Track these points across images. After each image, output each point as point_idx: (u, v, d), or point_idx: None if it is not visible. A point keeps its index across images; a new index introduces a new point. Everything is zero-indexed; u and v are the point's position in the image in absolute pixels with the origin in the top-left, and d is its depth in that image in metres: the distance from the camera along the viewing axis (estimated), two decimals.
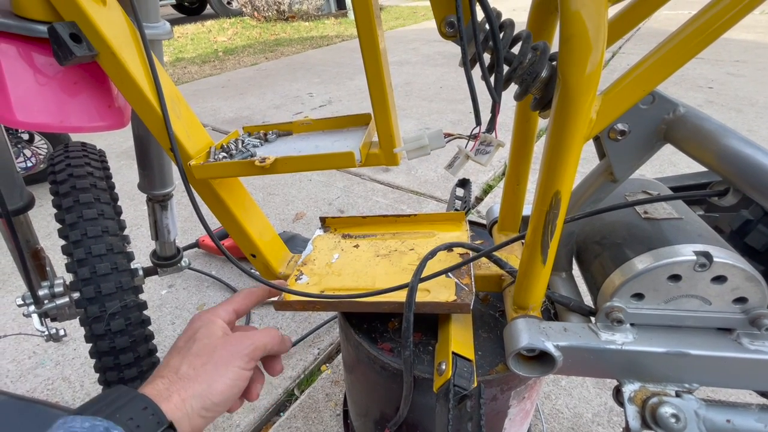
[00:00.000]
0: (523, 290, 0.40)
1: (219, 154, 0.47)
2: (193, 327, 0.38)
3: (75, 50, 0.39)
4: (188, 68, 3.43)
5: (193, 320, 0.39)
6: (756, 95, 2.16)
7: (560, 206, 0.34)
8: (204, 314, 0.40)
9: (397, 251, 0.55)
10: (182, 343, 0.37)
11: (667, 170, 1.52)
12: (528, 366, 0.40)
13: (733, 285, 0.34)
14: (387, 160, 0.42)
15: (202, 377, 0.34)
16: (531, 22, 0.40)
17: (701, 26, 0.29)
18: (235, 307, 0.42)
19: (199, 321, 0.39)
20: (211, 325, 0.38)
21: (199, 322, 0.39)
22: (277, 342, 0.41)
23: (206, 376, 0.34)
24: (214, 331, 0.37)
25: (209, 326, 0.38)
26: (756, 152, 0.30)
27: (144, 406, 0.30)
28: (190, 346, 0.36)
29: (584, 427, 0.75)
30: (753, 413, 0.35)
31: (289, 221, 1.40)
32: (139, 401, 0.30)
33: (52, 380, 0.90)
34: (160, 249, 0.76)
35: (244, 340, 0.38)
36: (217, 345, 0.36)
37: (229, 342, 0.37)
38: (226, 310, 0.41)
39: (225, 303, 0.42)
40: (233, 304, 0.42)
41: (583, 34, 0.28)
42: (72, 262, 0.50)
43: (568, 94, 0.30)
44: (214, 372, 0.34)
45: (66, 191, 0.52)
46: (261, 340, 0.39)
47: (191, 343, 0.37)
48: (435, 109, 2.25)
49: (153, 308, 1.08)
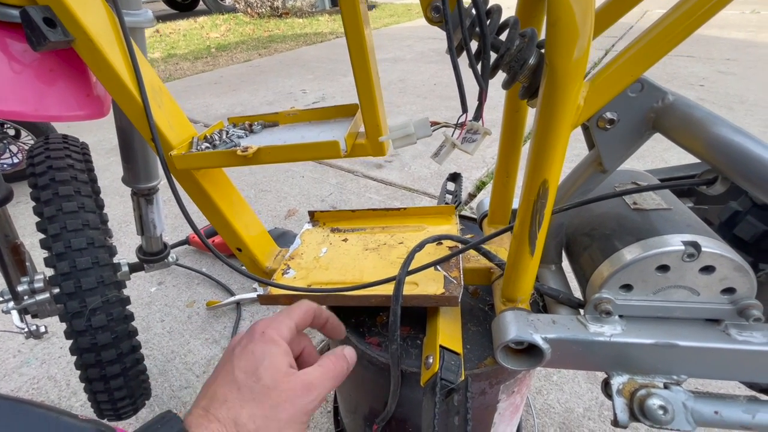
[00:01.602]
0: (511, 283, 0.40)
1: (202, 145, 0.46)
2: (256, 354, 0.32)
3: (49, 35, 0.37)
4: (180, 64, 3.39)
5: (255, 339, 0.33)
6: (746, 93, 2.18)
7: (548, 196, 0.33)
8: (268, 335, 0.34)
9: (386, 245, 0.55)
10: (242, 376, 0.31)
11: (659, 167, 1.53)
12: (516, 359, 0.40)
13: (721, 275, 0.34)
14: (373, 150, 0.42)
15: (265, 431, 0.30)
16: (519, 8, 0.39)
17: (686, 12, 0.28)
18: (297, 322, 0.37)
19: (261, 345, 0.33)
20: (276, 357, 0.32)
21: (261, 346, 0.33)
22: (342, 377, 0.36)
23: (269, 430, 0.30)
24: (279, 367, 0.32)
25: (274, 358, 0.32)
26: (745, 140, 0.30)
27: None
28: (253, 386, 0.31)
29: (575, 422, 0.75)
30: (740, 404, 0.35)
31: (281, 218, 1.39)
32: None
33: (37, 379, 0.88)
34: (146, 244, 0.74)
35: (311, 391, 0.32)
36: (283, 392, 0.31)
37: (295, 391, 0.32)
38: (289, 327, 0.35)
39: (285, 317, 0.36)
40: (294, 319, 0.36)
41: (570, 18, 0.27)
42: (51, 257, 0.49)
43: (555, 80, 0.29)
44: (277, 428, 0.30)
45: (45, 183, 0.51)
46: (327, 388, 0.34)
47: (253, 380, 0.31)
48: (429, 106, 2.24)
49: (142, 305, 1.06)
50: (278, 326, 0.35)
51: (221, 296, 1.07)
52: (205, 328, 0.99)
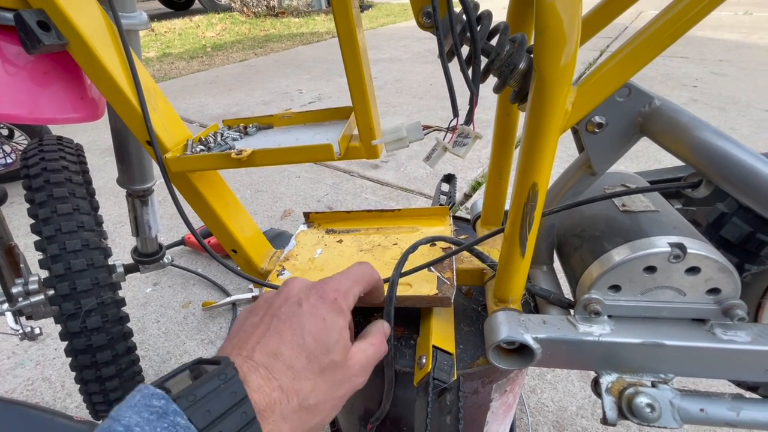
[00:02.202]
0: (503, 283, 0.40)
1: (196, 147, 0.46)
2: (327, 323, 0.29)
3: (43, 38, 0.37)
4: (175, 64, 3.38)
5: (326, 304, 0.30)
6: (738, 94, 2.20)
7: (537, 198, 0.34)
8: (338, 305, 0.31)
9: (380, 246, 0.55)
10: (312, 343, 0.28)
11: (653, 167, 1.55)
12: (508, 359, 0.40)
13: (707, 276, 0.34)
14: (367, 153, 0.42)
15: (321, 408, 0.28)
16: (510, 14, 0.40)
17: (672, 18, 0.29)
18: (361, 292, 0.34)
19: (333, 315, 0.30)
20: (345, 332, 0.31)
21: (333, 316, 0.30)
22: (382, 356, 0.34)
23: (325, 408, 0.28)
24: (347, 342, 0.31)
25: (344, 332, 0.30)
26: (727, 144, 0.31)
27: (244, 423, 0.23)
28: (321, 358, 0.28)
29: (569, 420, 0.75)
30: (725, 402, 0.36)
31: (278, 218, 1.39)
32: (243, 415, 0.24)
33: (32, 381, 0.88)
34: (141, 245, 0.74)
35: (366, 371, 0.31)
36: (347, 370, 0.30)
37: (355, 370, 0.30)
38: (355, 297, 0.33)
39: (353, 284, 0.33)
40: (360, 288, 0.34)
41: (557, 25, 0.28)
42: (46, 258, 0.49)
43: (543, 86, 0.30)
44: (332, 406, 0.29)
45: (39, 185, 0.51)
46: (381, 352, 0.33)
47: (323, 352, 0.28)
48: (425, 106, 2.25)
49: (137, 306, 1.06)
50: (347, 295, 0.32)
51: (217, 297, 1.07)
52: (201, 329, 0.99)
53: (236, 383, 0.24)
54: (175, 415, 0.21)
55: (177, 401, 0.22)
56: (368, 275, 0.35)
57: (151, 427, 0.21)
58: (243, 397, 0.24)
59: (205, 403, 0.23)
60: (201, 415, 0.22)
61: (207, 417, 0.22)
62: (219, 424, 0.22)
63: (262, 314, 0.30)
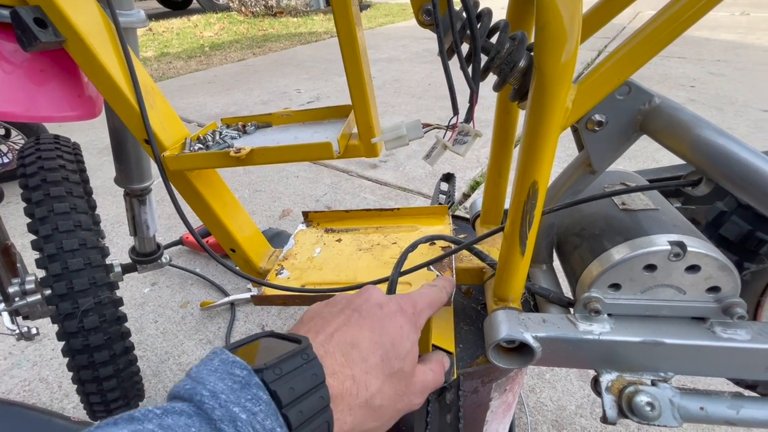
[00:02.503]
0: (502, 282, 0.40)
1: (195, 146, 0.46)
2: (403, 334, 0.29)
3: (40, 36, 0.37)
4: (173, 63, 3.37)
5: (406, 316, 0.31)
6: (735, 94, 2.21)
7: (538, 197, 0.34)
8: (416, 323, 0.31)
9: (379, 245, 0.55)
10: (389, 346, 0.28)
11: (651, 166, 1.55)
12: (508, 357, 0.40)
13: (707, 274, 0.34)
14: (366, 151, 0.42)
15: (381, 414, 0.28)
16: (510, 12, 0.40)
17: (671, 17, 0.29)
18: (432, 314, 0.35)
19: (410, 329, 0.30)
20: (416, 348, 0.31)
21: (410, 330, 0.30)
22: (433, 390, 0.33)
23: (384, 415, 0.28)
24: (416, 359, 0.30)
25: (415, 348, 0.30)
26: (728, 142, 0.31)
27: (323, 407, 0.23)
28: (394, 363, 0.28)
29: (568, 419, 0.75)
30: (725, 400, 0.36)
31: (276, 218, 1.39)
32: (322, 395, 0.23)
33: (29, 381, 0.87)
34: (139, 245, 0.74)
35: (423, 394, 0.31)
36: (410, 386, 0.30)
37: (416, 388, 0.30)
38: (426, 320, 0.33)
39: (427, 308, 0.34)
40: (433, 311, 0.35)
41: (558, 22, 0.28)
42: (42, 258, 0.49)
43: (543, 83, 0.30)
44: (389, 417, 0.29)
45: (36, 184, 0.50)
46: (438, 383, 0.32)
47: (396, 358, 0.28)
48: (424, 106, 2.25)
49: (135, 306, 1.05)
50: (421, 315, 0.32)
51: (215, 297, 1.07)
52: (199, 328, 0.98)
53: (317, 366, 0.24)
54: (257, 389, 0.21)
55: (263, 372, 0.22)
56: (439, 301, 0.36)
57: (236, 396, 0.20)
58: (322, 381, 0.24)
59: (290, 380, 0.23)
60: (286, 391, 0.22)
61: (291, 394, 0.22)
62: (300, 404, 0.22)
63: (342, 307, 0.30)
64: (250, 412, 0.20)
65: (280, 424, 0.21)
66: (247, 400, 0.21)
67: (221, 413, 0.20)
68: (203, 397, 0.20)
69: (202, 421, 0.20)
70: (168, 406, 0.20)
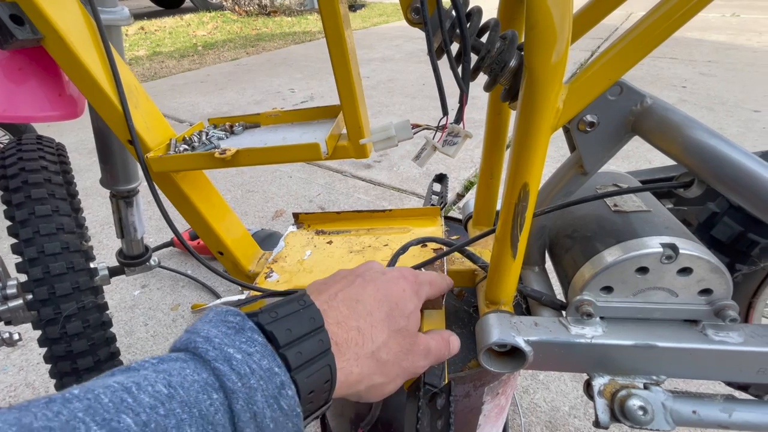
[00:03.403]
0: (494, 285, 0.40)
1: (180, 147, 0.45)
2: (406, 298, 0.31)
3: (16, 33, 0.36)
4: (166, 62, 3.33)
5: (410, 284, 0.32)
6: (726, 94, 2.23)
7: (529, 198, 0.33)
8: (420, 293, 0.33)
9: (371, 247, 0.54)
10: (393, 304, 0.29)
11: (643, 167, 1.56)
12: (500, 361, 0.40)
13: (699, 277, 0.34)
14: (355, 152, 0.41)
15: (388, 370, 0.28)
16: (501, 11, 0.39)
17: (662, 17, 0.28)
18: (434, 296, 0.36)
19: (414, 296, 0.32)
20: (418, 314, 0.32)
21: (413, 297, 0.32)
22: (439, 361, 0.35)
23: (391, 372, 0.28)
24: (418, 323, 0.32)
25: (417, 313, 0.32)
26: (719, 143, 0.30)
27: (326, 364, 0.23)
28: (398, 320, 0.29)
29: (561, 420, 0.75)
30: (717, 403, 0.36)
31: (269, 219, 1.37)
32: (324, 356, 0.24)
33: (14, 387, 0.85)
34: (127, 247, 0.72)
35: (427, 357, 0.32)
36: (414, 345, 0.30)
37: (419, 348, 0.31)
38: (428, 297, 0.34)
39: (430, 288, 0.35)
40: (435, 292, 0.36)
41: (548, 22, 0.27)
42: (23, 262, 0.47)
43: (534, 83, 0.29)
44: (395, 374, 0.29)
45: (17, 186, 0.49)
46: (429, 363, 0.33)
47: (400, 316, 0.29)
48: (418, 106, 2.25)
49: (125, 309, 1.04)
50: (423, 290, 0.34)
51: (207, 299, 1.05)
52: None
53: (314, 310, 0.25)
54: (252, 332, 0.21)
55: (258, 316, 0.22)
56: (441, 284, 0.37)
57: (230, 340, 0.21)
58: (321, 325, 0.24)
59: (286, 322, 0.23)
60: (283, 332, 0.22)
61: (288, 335, 0.22)
62: (298, 345, 0.22)
63: (344, 274, 0.32)
64: (245, 352, 0.20)
65: (278, 363, 0.21)
66: (242, 343, 0.21)
67: (215, 354, 0.20)
68: (197, 343, 0.20)
69: (197, 363, 0.20)
70: (164, 355, 0.20)
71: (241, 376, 0.19)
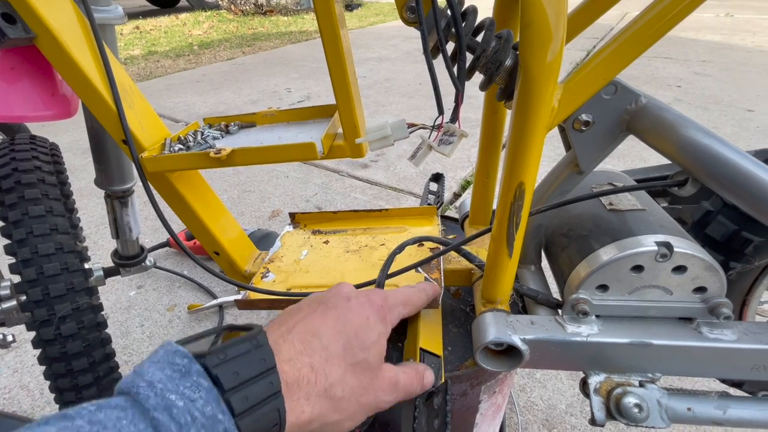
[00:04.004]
0: (490, 284, 0.40)
1: (175, 146, 0.45)
2: (370, 326, 0.29)
3: (8, 32, 0.35)
4: (161, 62, 3.31)
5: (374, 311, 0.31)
6: (721, 94, 2.24)
7: (524, 197, 0.33)
8: (387, 318, 0.32)
9: (367, 246, 0.54)
10: (353, 336, 0.28)
11: (639, 166, 1.57)
12: (496, 360, 0.40)
13: (693, 274, 0.34)
14: (351, 151, 0.41)
15: (343, 407, 0.27)
16: (496, 10, 0.39)
17: (656, 16, 0.28)
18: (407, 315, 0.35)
19: (379, 323, 0.30)
20: (383, 343, 0.30)
21: (378, 324, 0.30)
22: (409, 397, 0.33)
23: (347, 409, 0.27)
24: (383, 353, 0.30)
25: (383, 342, 0.30)
26: (713, 142, 0.31)
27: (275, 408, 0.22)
28: (358, 354, 0.28)
29: (558, 418, 0.76)
30: (712, 401, 0.36)
31: (266, 218, 1.37)
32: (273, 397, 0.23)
33: (9, 389, 0.85)
34: (122, 248, 0.72)
35: (392, 392, 0.30)
36: (376, 379, 0.29)
37: (383, 383, 0.30)
38: (399, 318, 0.33)
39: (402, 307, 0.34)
40: (407, 312, 0.35)
41: (542, 21, 0.27)
42: (17, 263, 0.47)
43: (529, 83, 0.29)
44: (352, 411, 0.28)
45: (9, 186, 0.48)
46: (396, 399, 0.31)
47: (361, 349, 0.28)
48: (415, 105, 2.25)
49: (121, 310, 1.03)
50: (392, 310, 0.33)
51: (203, 299, 1.05)
52: (187, 332, 0.96)
53: (266, 351, 0.24)
54: (198, 376, 0.21)
55: (206, 358, 0.22)
56: (416, 300, 0.36)
57: (174, 384, 0.20)
58: (272, 366, 0.23)
59: (234, 365, 0.22)
60: (229, 375, 0.22)
61: (234, 378, 0.22)
62: (245, 389, 0.22)
63: (310, 302, 0.31)
64: (188, 399, 0.20)
65: (222, 410, 0.20)
66: (186, 388, 0.20)
67: (155, 402, 0.19)
68: (139, 388, 0.20)
69: (136, 412, 0.19)
70: (104, 401, 0.19)
71: (180, 426, 0.19)
